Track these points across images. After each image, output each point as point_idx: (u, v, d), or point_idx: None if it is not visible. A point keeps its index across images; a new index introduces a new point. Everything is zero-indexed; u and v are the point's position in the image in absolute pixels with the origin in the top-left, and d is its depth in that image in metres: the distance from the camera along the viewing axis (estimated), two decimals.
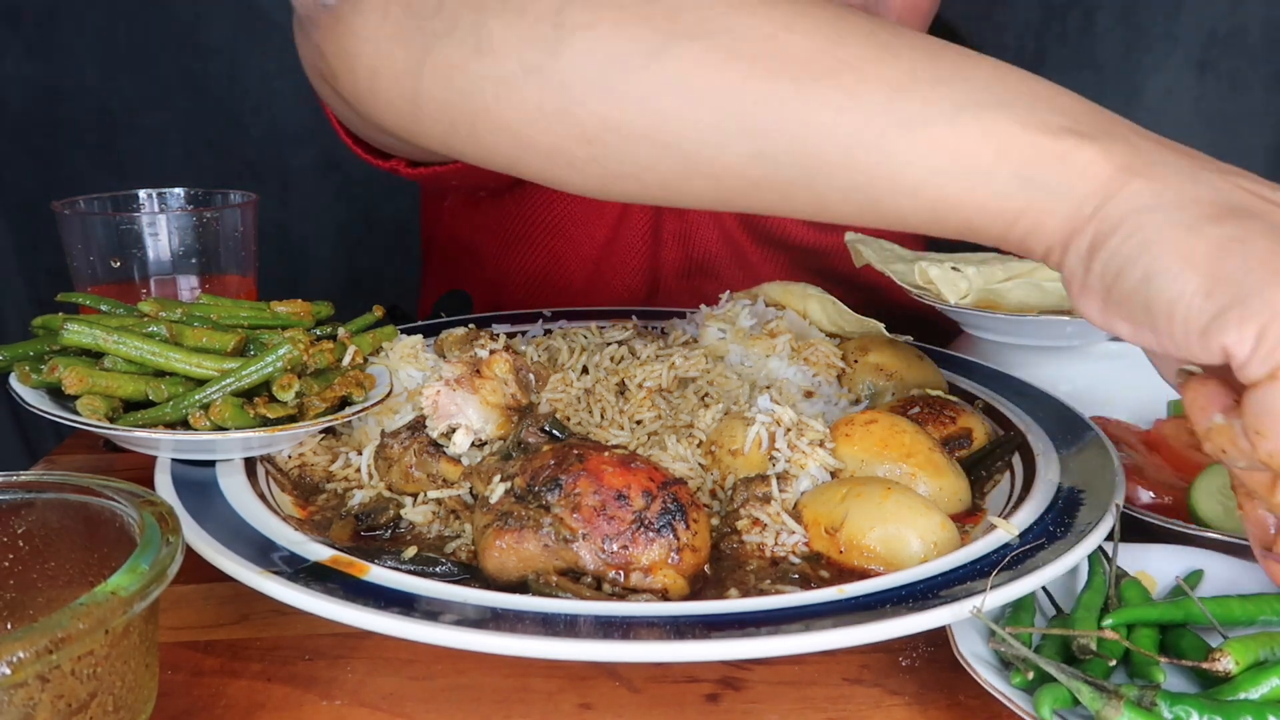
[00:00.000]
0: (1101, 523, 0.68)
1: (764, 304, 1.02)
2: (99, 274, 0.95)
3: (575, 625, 0.58)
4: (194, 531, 0.66)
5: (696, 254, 1.35)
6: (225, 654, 0.66)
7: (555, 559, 0.65)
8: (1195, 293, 0.50)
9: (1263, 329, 0.48)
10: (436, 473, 0.77)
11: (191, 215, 0.97)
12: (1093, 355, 1.03)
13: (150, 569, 0.51)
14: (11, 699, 0.46)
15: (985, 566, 0.64)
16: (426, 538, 0.75)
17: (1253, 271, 0.49)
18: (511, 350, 0.83)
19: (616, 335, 1.01)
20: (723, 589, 0.67)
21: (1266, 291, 0.48)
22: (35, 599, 0.60)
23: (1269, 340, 0.48)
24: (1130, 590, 0.67)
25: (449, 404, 0.77)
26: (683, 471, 0.80)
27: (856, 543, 0.69)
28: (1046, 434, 0.85)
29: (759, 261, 1.36)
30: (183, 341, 0.78)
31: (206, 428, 0.74)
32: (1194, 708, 0.55)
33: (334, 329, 0.89)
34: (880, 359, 0.94)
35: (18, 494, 0.60)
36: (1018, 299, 1.03)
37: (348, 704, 0.62)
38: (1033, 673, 0.58)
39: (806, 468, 0.77)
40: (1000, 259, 1.17)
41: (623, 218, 1.32)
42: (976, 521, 0.76)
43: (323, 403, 0.78)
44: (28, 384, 0.76)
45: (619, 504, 0.65)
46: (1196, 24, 1.96)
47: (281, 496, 0.78)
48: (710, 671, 0.65)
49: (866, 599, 0.61)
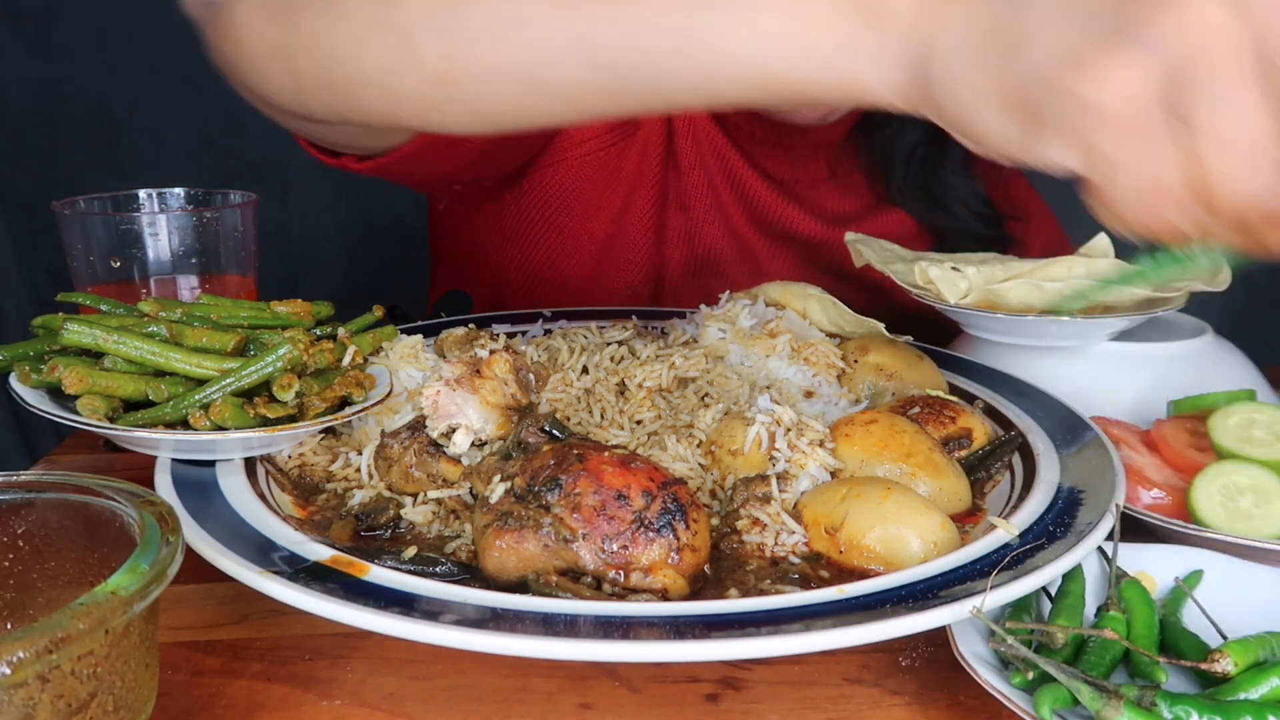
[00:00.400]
0: (1101, 523, 0.68)
1: (764, 304, 1.02)
2: (99, 274, 0.95)
3: (575, 625, 0.58)
4: (194, 531, 0.66)
5: (701, 251, 1.35)
6: (225, 654, 0.66)
7: (555, 559, 0.65)
8: (1002, 123, 0.53)
9: (1072, 141, 0.51)
10: (436, 473, 0.77)
11: (191, 215, 0.97)
12: (1093, 355, 1.03)
13: (150, 569, 0.51)
14: (11, 699, 0.46)
15: (985, 566, 0.64)
16: (426, 538, 0.75)
17: (1050, 90, 0.50)
18: (511, 350, 0.83)
19: (616, 335, 1.01)
20: (723, 589, 0.67)
21: (1064, 107, 0.50)
22: (35, 599, 0.60)
23: (1079, 149, 0.51)
24: (1130, 590, 0.67)
25: (449, 404, 0.77)
26: (683, 471, 0.80)
27: (856, 543, 0.69)
28: (1046, 434, 0.85)
29: (766, 257, 1.36)
30: (183, 341, 0.78)
31: (206, 428, 0.74)
32: (1194, 708, 0.55)
33: (334, 329, 0.89)
34: (880, 359, 0.94)
35: (18, 494, 0.60)
36: (1018, 299, 1.03)
37: (348, 704, 0.62)
38: (1033, 673, 0.58)
39: (806, 468, 0.77)
40: (1000, 259, 1.17)
41: (623, 213, 1.32)
42: (976, 521, 0.76)
43: (323, 403, 0.78)
44: (28, 384, 0.76)
45: (619, 504, 0.65)
46: None
47: (281, 496, 0.78)
48: (710, 671, 0.65)
49: (866, 599, 0.61)
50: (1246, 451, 0.82)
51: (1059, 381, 1.00)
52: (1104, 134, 0.49)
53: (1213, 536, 0.75)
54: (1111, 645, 0.61)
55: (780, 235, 1.36)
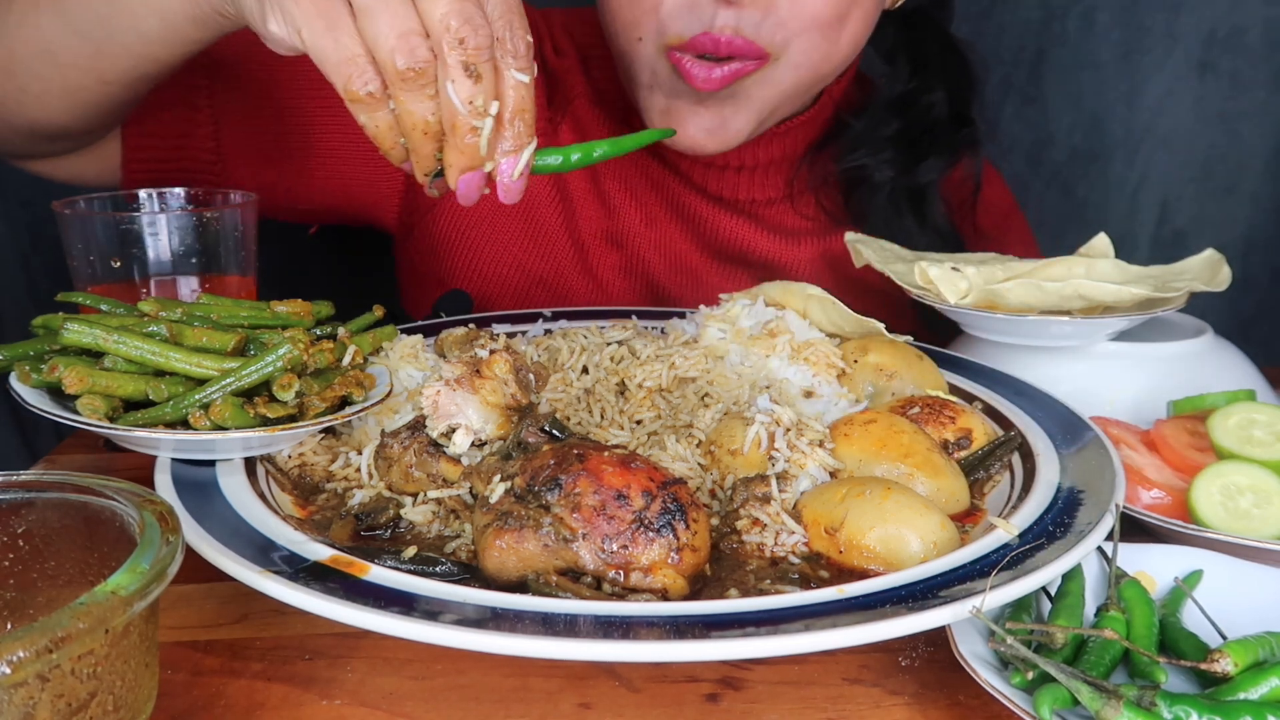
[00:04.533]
0: (1101, 523, 0.68)
1: (764, 304, 1.02)
2: (99, 274, 0.95)
3: (575, 625, 0.58)
4: (194, 531, 0.66)
5: (640, 285, 1.35)
6: (225, 654, 0.66)
7: (555, 559, 0.65)
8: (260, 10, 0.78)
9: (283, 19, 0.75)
10: (436, 473, 0.77)
11: (191, 215, 0.97)
12: (1093, 355, 1.03)
13: (150, 569, 0.51)
14: (11, 698, 0.46)
15: (985, 566, 0.64)
16: (426, 538, 0.75)
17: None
18: (511, 350, 0.83)
19: (616, 335, 1.01)
20: (723, 589, 0.67)
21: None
22: (35, 599, 0.60)
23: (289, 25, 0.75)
24: (1130, 590, 0.67)
25: (449, 404, 0.77)
26: (683, 471, 0.80)
27: (856, 543, 0.69)
28: (1046, 434, 0.85)
29: (719, 283, 1.34)
30: (183, 341, 0.78)
31: (206, 427, 0.74)
32: (1194, 708, 0.55)
33: (334, 329, 0.89)
34: (880, 359, 0.94)
35: (18, 494, 0.60)
36: (1018, 299, 1.03)
37: (347, 703, 0.62)
38: (1032, 673, 0.58)
39: (806, 468, 0.77)
40: (1000, 259, 1.17)
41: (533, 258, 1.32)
42: (975, 521, 0.76)
43: (323, 403, 0.78)
44: (28, 384, 0.76)
45: (619, 504, 0.65)
46: (1196, 24, 1.96)
47: (281, 496, 0.78)
48: (710, 671, 0.65)
49: (866, 599, 0.61)
50: (1246, 451, 0.82)
51: (1059, 381, 1.00)
52: (299, 12, 0.73)
53: (1212, 536, 0.75)
54: (1111, 645, 0.61)
55: (735, 258, 1.35)
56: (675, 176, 1.32)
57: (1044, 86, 2.03)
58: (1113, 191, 2.09)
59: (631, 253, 1.34)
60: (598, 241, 1.33)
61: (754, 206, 1.35)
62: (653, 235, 1.33)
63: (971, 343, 1.11)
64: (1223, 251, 1.11)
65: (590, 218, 1.32)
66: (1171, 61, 2.00)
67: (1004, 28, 2.01)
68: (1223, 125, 2.01)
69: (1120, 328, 1.02)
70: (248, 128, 1.19)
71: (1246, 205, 2.05)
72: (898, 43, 1.35)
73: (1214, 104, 2.01)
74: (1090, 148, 2.06)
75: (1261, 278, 2.07)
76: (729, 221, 1.33)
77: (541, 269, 1.32)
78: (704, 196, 1.33)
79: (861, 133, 1.31)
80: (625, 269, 1.34)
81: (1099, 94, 2.03)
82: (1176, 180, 2.06)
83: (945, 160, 1.32)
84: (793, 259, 1.34)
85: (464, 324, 1.09)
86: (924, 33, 1.34)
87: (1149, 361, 1.02)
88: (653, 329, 1.09)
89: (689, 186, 1.33)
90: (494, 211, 1.31)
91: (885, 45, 1.35)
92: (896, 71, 1.34)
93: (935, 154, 1.32)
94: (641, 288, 1.35)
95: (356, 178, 1.27)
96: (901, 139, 1.32)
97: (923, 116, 1.32)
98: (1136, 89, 2.02)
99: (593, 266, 1.33)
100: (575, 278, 1.33)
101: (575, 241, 1.32)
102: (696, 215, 1.33)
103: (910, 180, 1.31)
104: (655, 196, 1.33)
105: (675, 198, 1.33)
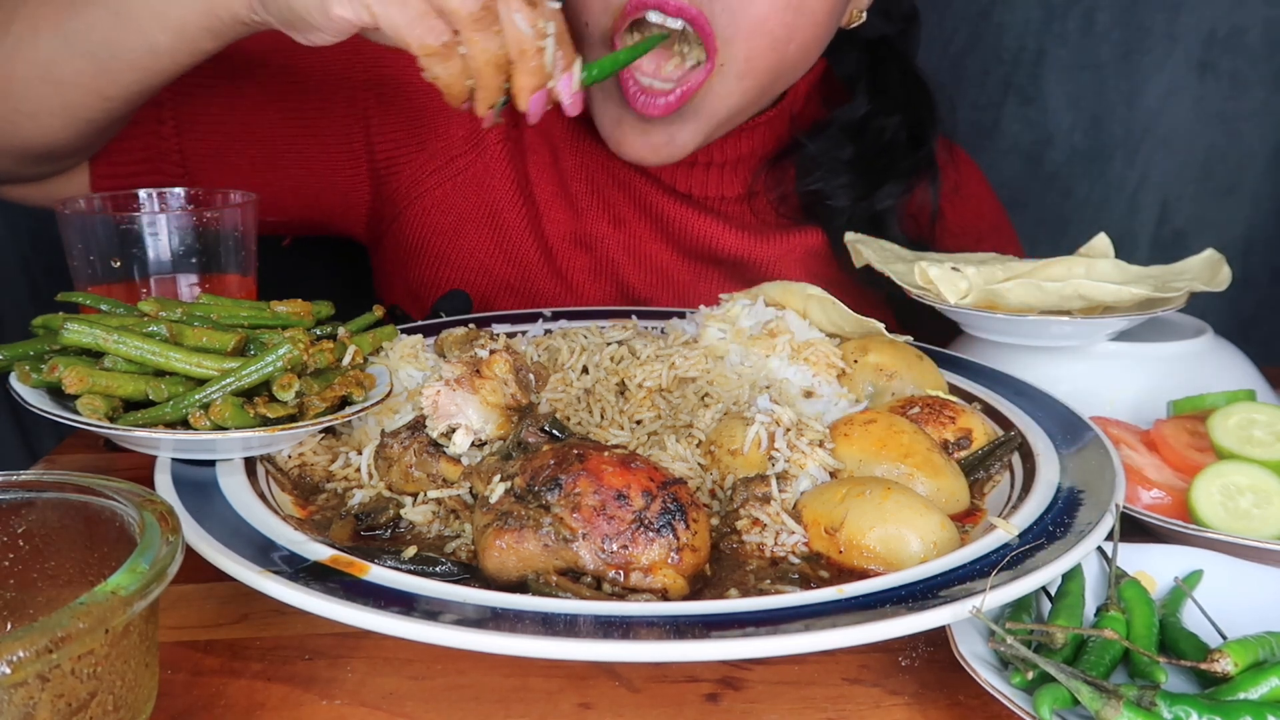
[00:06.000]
0: (1101, 523, 0.68)
1: (764, 304, 1.02)
2: (99, 274, 0.95)
3: (575, 625, 0.58)
4: (194, 531, 0.66)
5: (612, 286, 1.35)
6: (225, 654, 0.66)
7: (555, 559, 0.65)
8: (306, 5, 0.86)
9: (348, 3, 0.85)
10: (436, 473, 0.77)
11: (191, 215, 0.97)
12: (1093, 355, 1.03)
13: (150, 568, 0.51)
14: (11, 698, 0.46)
15: (985, 566, 0.64)
16: (426, 538, 0.75)
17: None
18: (511, 350, 0.83)
19: (616, 335, 1.01)
20: (723, 589, 0.67)
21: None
22: (35, 598, 0.60)
23: (355, 6, 0.84)
24: (1130, 590, 0.67)
25: (449, 404, 0.77)
26: (683, 471, 0.80)
27: (856, 543, 0.69)
28: (1046, 434, 0.85)
29: (690, 281, 1.35)
30: (183, 341, 0.78)
31: (206, 427, 0.74)
32: (1194, 708, 0.55)
33: (334, 329, 0.89)
34: (880, 359, 0.94)
35: (18, 494, 0.60)
36: (1018, 299, 1.03)
37: (347, 703, 0.62)
38: (1032, 673, 0.58)
39: (806, 468, 0.77)
40: (1000, 259, 1.17)
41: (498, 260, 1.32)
42: (975, 521, 0.76)
43: (323, 403, 0.78)
44: (28, 384, 0.76)
45: (619, 504, 0.65)
46: (1196, 24, 1.96)
47: (281, 496, 0.78)
48: (710, 671, 0.65)
49: (866, 599, 0.61)
50: (1246, 451, 0.82)
51: (1059, 381, 1.00)
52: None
53: (1212, 536, 0.75)
54: (1111, 645, 0.61)
55: (704, 256, 1.34)
56: (641, 175, 1.32)
57: (1044, 86, 2.03)
58: (1113, 192, 2.09)
59: (600, 254, 1.33)
60: (565, 244, 1.32)
61: (722, 204, 1.34)
62: (621, 236, 1.33)
63: (971, 343, 1.11)
64: (1223, 251, 1.11)
65: (557, 220, 1.32)
66: (1171, 62, 2.00)
67: (1004, 28, 2.01)
68: (1223, 125, 2.01)
69: (1120, 328, 1.02)
70: (214, 139, 1.20)
71: (1246, 205, 2.05)
72: (859, 69, 1.36)
73: (1214, 104, 2.01)
74: (1090, 148, 2.06)
75: (1261, 278, 2.07)
76: (696, 219, 1.33)
77: (508, 274, 1.32)
78: (671, 194, 1.32)
79: (817, 155, 1.32)
80: (595, 270, 1.34)
81: (1099, 94, 2.03)
82: (1176, 180, 2.06)
83: (902, 185, 1.33)
84: (762, 255, 1.33)
85: (464, 324, 1.09)
86: (887, 61, 1.35)
87: (1149, 361, 1.02)
88: (653, 329, 1.09)
89: (655, 185, 1.32)
90: (460, 219, 1.31)
91: (847, 70, 1.36)
92: (856, 97, 1.35)
93: (892, 179, 1.32)
94: (612, 289, 1.35)
95: (324, 188, 1.28)
96: (858, 163, 1.32)
97: (877, 140, 1.33)
98: (1136, 89, 2.02)
99: (562, 269, 1.33)
100: (544, 281, 1.33)
101: (542, 245, 1.32)
102: (664, 214, 1.33)
103: (867, 208, 1.32)
104: (622, 196, 1.33)
105: (642, 197, 1.33)
